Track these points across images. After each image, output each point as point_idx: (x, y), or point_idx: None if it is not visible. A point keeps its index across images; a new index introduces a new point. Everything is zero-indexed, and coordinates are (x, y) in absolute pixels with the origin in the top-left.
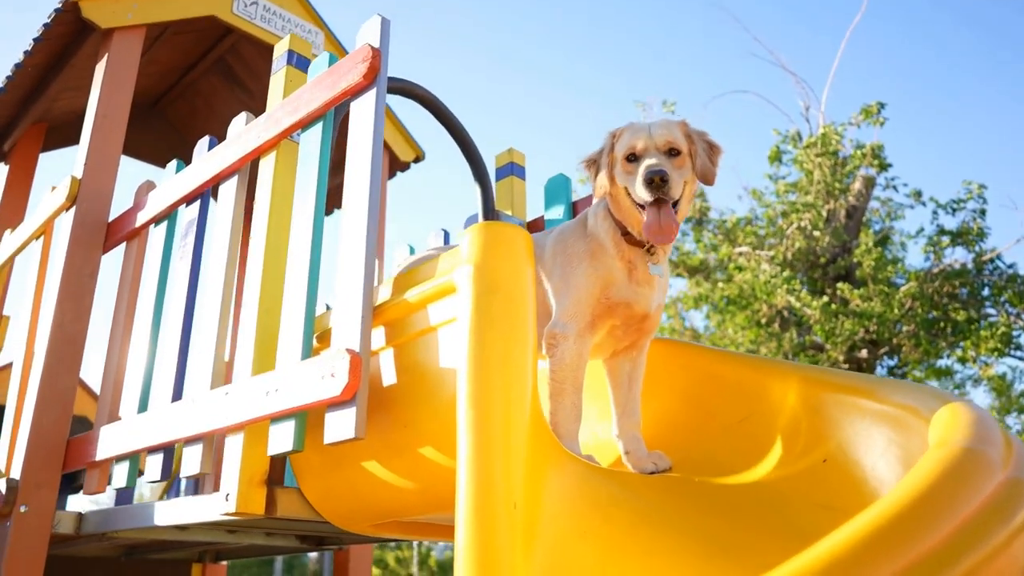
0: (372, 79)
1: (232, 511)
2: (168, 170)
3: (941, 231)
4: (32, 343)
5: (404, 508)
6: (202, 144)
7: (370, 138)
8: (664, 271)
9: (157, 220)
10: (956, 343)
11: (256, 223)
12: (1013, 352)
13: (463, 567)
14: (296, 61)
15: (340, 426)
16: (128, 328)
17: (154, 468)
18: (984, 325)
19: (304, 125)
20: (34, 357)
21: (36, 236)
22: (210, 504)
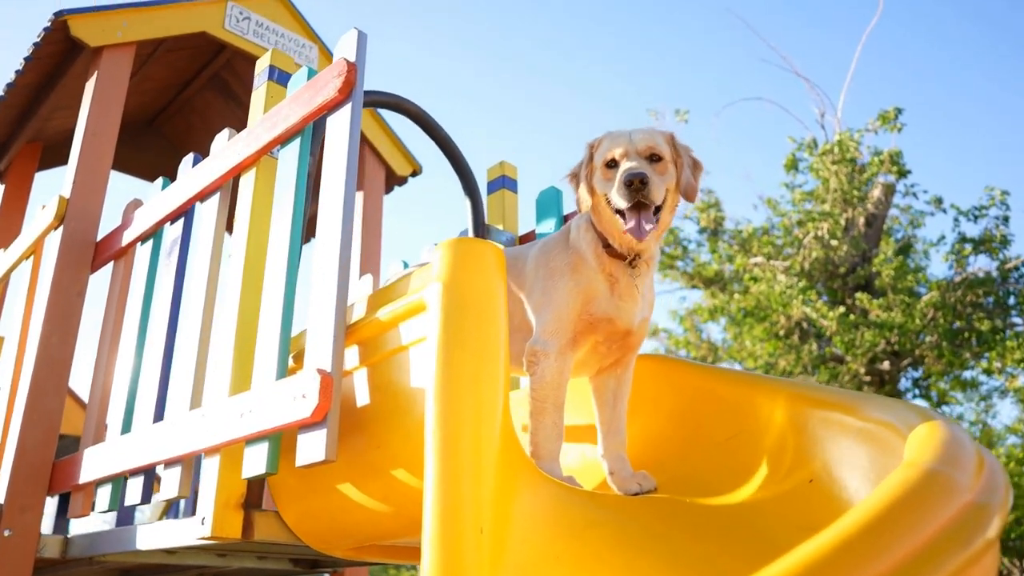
0: (348, 94)
1: (208, 535)
2: (155, 187)
3: (963, 239)
4: (20, 364)
5: (381, 531)
6: (187, 161)
7: (345, 153)
8: (650, 285)
9: (143, 238)
10: (981, 354)
11: (235, 241)
12: None
13: None
14: (277, 76)
15: (311, 448)
16: (114, 348)
17: (135, 491)
18: (1010, 335)
19: (283, 141)
20: (20, 378)
21: (26, 256)
22: (188, 528)
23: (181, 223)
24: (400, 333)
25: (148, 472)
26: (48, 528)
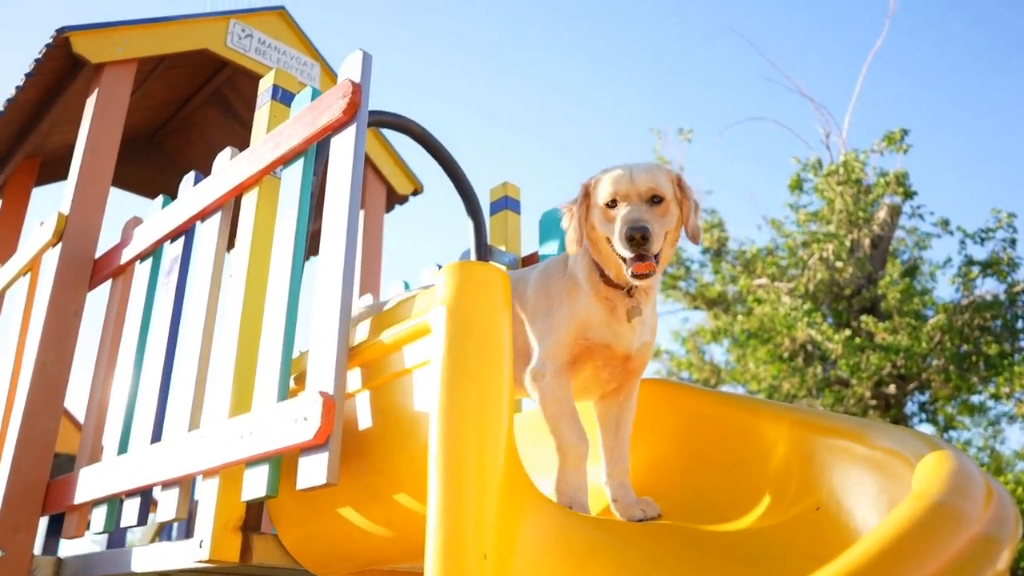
0: (352, 115)
1: (205, 558)
2: (155, 205)
3: (970, 261)
4: (15, 382)
5: (382, 556)
6: (188, 179)
7: (348, 175)
8: (652, 309)
9: (142, 257)
10: (989, 378)
11: (237, 261)
12: None
13: None
14: (281, 96)
15: (312, 471)
16: (111, 368)
17: (131, 513)
18: (1018, 359)
19: (286, 161)
20: (15, 397)
21: (23, 272)
22: (185, 551)
23: (181, 242)
24: (404, 356)
25: (145, 493)
26: (37, 549)
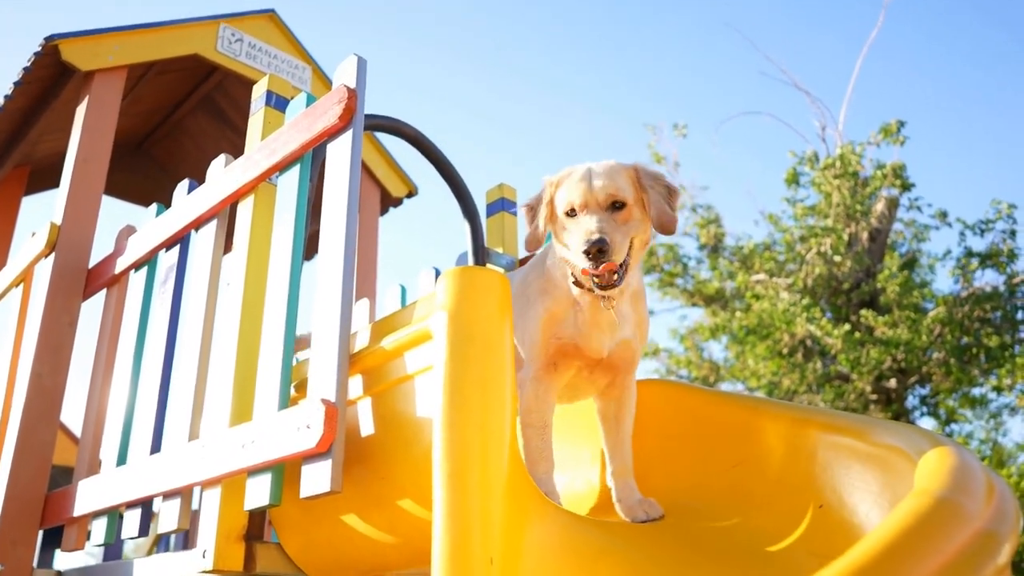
0: (348, 120)
1: (209, 568)
2: (149, 213)
3: (969, 253)
4: (10, 395)
5: (386, 563)
6: (182, 187)
7: (346, 181)
8: (637, 306)
9: (137, 266)
10: (990, 370)
11: (233, 269)
12: None
13: None
14: (275, 102)
15: (316, 479)
16: (108, 378)
17: (132, 524)
18: (1019, 351)
19: (282, 168)
20: (11, 410)
21: (16, 283)
22: (187, 561)
23: (177, 250)
24: (405, 362)
25: (145, 504)
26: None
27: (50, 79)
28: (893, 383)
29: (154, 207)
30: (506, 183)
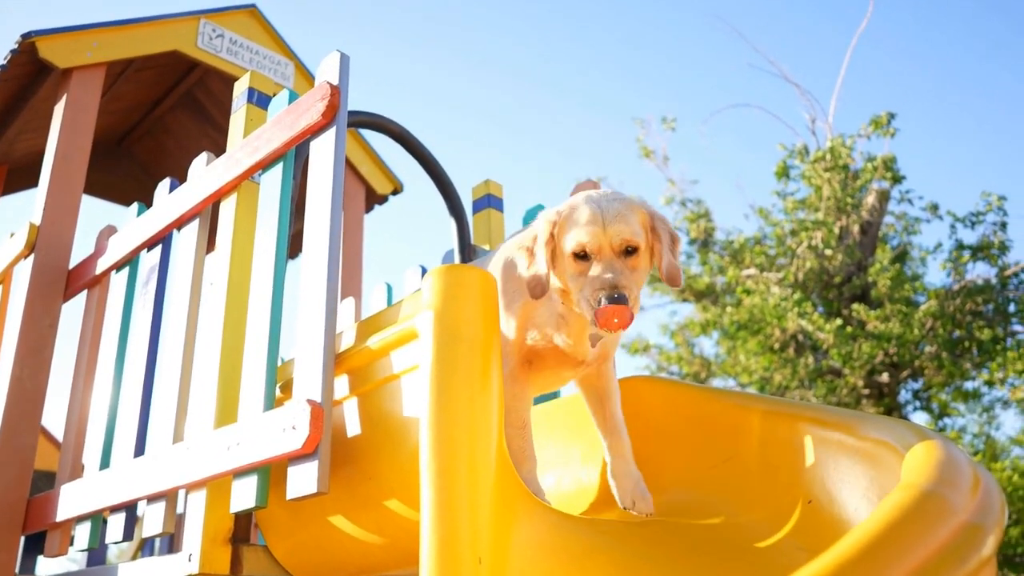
0: (331, 118)
1: (195, 572)
2: (130, 213)
3: (961, 245)
4: None
5: (374, 564)
6: (163, 186)
7: (330, 178)
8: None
9: (118, 266)
10: (982, 364)
11: (216, 268)
12: None
13: None
14: (257, 99)
15: (302, 481)
16: (90, 381)
17: (116, 528)
18: (1011, 344)
19: (265, 166)
20: None
21: None
22: (173, 565)
23: (159, 250)
24: (391, 361)
25: (130, 508)
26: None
27: (27, 77)
28: (885, 377)
29: (135, 206)
30: (492, 179)
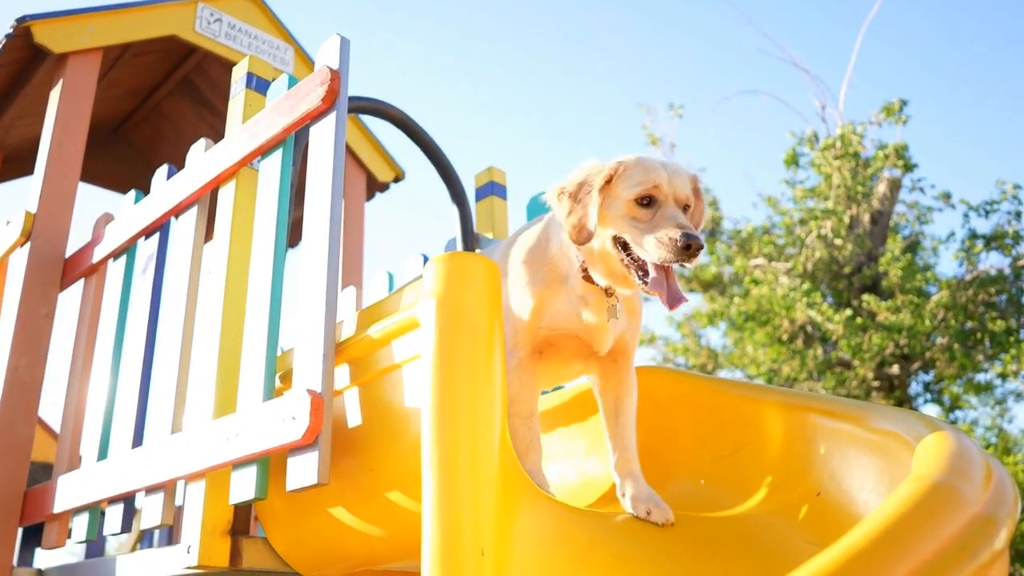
0: (331, 103)
1: (194, 564)
2: (127, 200)
3: (974, 235)
4: None
5: (375, 556)
6: (160, 173)
7: (330, 165)
8: (631, 298)
9: (116, 255)
10: (995, 356)
11: (215, 256)
12: None
13: None
14: (256, 84)
15: (302, 472)
16: (87, 371)
17: (114, 520)
18: None
19: (264, 152)
20: None
21: None
22: (172, 557)
23: (156, 238)
24: (393, 351)
25: (128, 500)
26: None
27: (23, 62)
28: (896, 369)
29: (132, 194)
30: (495, 166)
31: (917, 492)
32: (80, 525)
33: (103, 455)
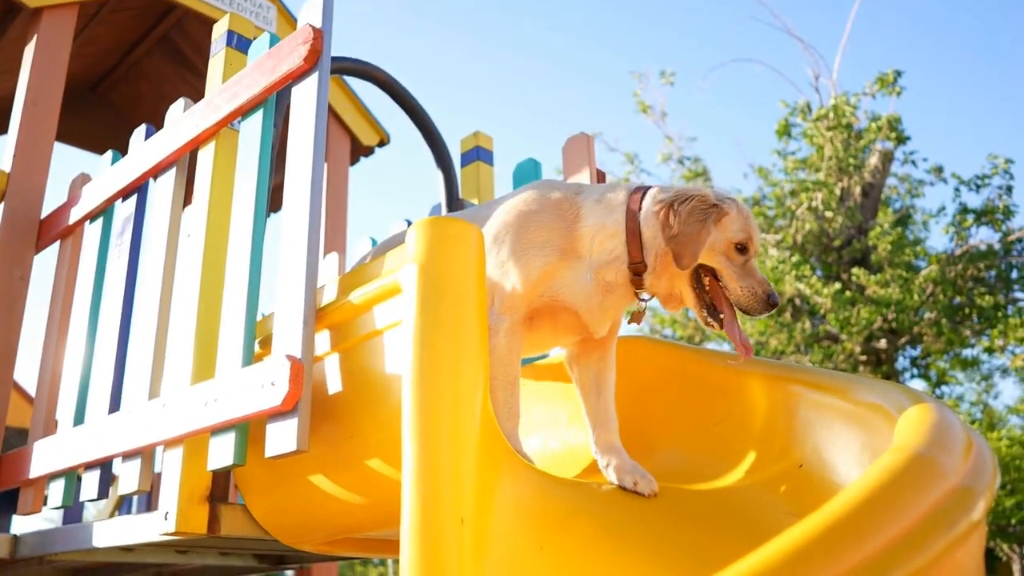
0: (314, 62)
1: (172, 531)
2: (104, 160)
3: (964, 209)
4: None
5: (355, 524)
6: (139, 133)
7: (312, 125)
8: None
9: (92, 216)
10: (982, 331)
11: (194, 219)
12: None
13: None
14: (236, 42)
15: (281, 438)
16: (63, 334)
17: (91, 486)
18: (1012, 311)
19: (244, 112)
20: None
21: None
22: (150, 523)
23: (134, 200)
24: (374, 316)
25: (105, 465)
26: None
27: None
28: (883, 344)
29: (109, 154)
30: (482, 131)
31: (896, 463)
32: (56, 491)
33: (79, 420)
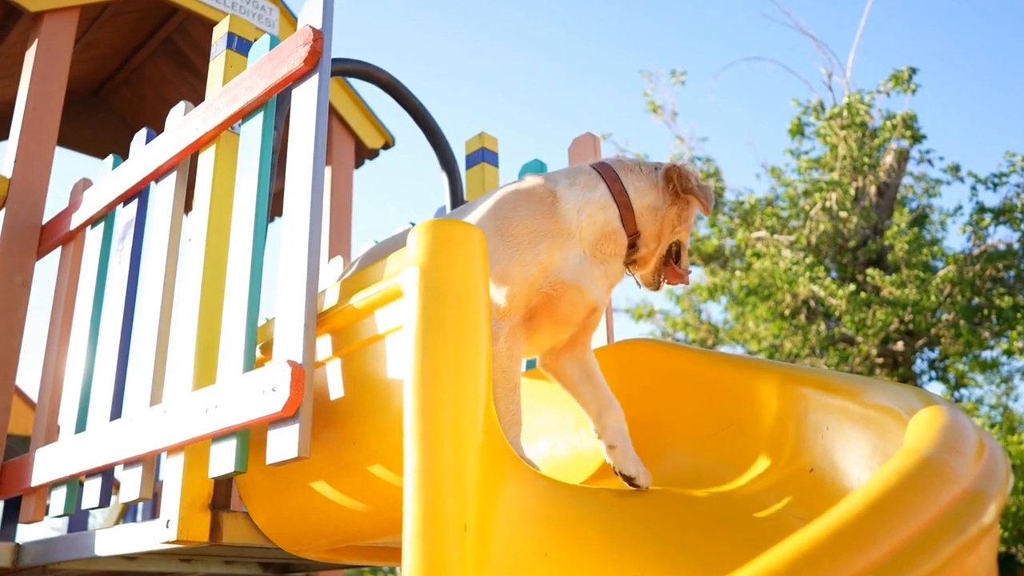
0: (314, 64)
1: (173, 539)
2: (105, 165)
3: (982, 208)
4: None
5: (358, 532)
6: (139, 137)
7: (312, 127)
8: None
9: (93, 222)
10: (1002, 332)
11: (195, 223)
12: None
13: None
14: (237, 45)
15: (283, 445)
16: (65, 341)
17: (93, 493)
18: None
19: (244, 115)
20: None
21: None
22: (151, 532)
23: (135, 205)
24: (376, 321)
25: (107, 473)
26: None
27: None
28: (900, 346)
29: (111, 159)
30: (487, 132)
31: (906, 466)
32: (58, 499)
33: (81, 427)
